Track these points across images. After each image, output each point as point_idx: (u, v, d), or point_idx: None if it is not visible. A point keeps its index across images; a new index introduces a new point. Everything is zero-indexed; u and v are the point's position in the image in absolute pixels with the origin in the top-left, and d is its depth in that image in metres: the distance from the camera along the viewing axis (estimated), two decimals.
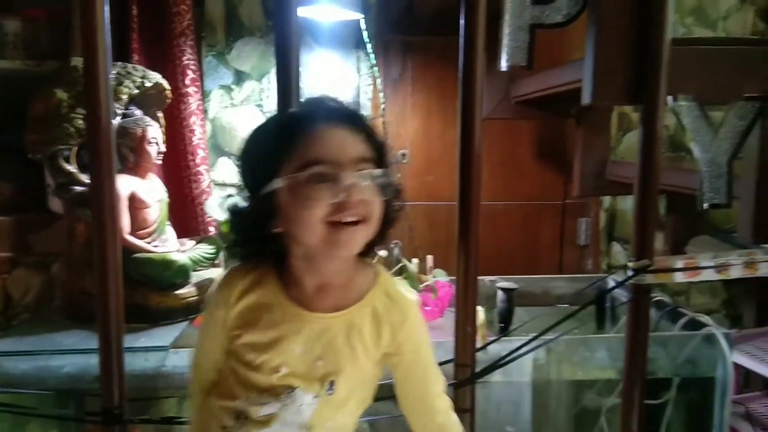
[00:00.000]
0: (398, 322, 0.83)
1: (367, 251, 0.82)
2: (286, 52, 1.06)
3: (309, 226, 0.74)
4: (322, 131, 0.75)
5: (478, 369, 1.09)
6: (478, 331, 1.18)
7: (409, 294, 0.86)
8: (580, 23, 1.09)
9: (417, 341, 0.86)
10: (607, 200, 2.37)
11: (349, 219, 0.74)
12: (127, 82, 1.47)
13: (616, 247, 2.39)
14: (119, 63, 1.56)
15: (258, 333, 0.80)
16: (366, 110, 2.18)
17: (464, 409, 1.09)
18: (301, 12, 1.23)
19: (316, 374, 0.81)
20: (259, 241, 0.80)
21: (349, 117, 0.78)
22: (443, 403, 0.91)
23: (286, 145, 0.75)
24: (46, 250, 1.98)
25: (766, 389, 1.96)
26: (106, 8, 0.98)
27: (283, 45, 1.06)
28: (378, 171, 0.76)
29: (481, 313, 1.32)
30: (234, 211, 0.81)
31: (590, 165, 1.99)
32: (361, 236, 0.76)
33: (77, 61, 1.48)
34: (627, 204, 2.35)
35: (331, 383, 0.81)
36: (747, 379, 2.09)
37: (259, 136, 0.81)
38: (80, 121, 1.43)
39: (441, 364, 1.16)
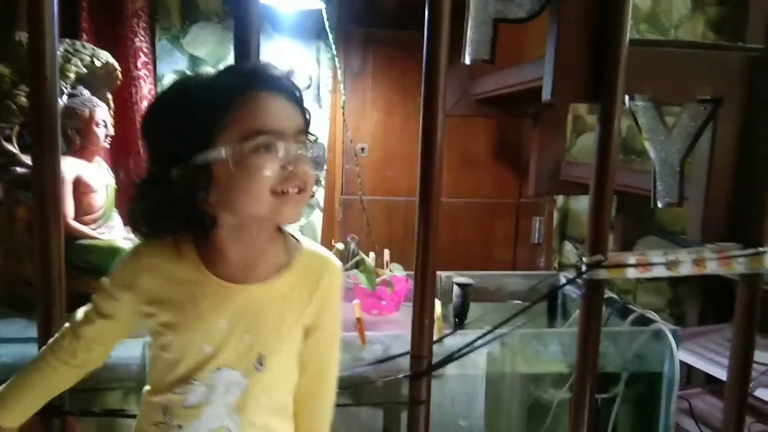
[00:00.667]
0: (327, 283, 0.82)
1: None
2: (246, 39, 1.03)
3: (256, 197, 0.72)
4: (267, 99, 0.72)
5: (433, 362, 1.09)
6: (435, 324, 1.18)
7: (333, 257, 0.86)
8: (540, 23, 1.11)
9: (336, 307, 0.85)
10: (560, 200, 2.41)
11: (294, 190, 0.74)
12: (75, 60, 1.40)
13: (568, 246, 2.44)
14: (67, 40, 1.49)
15: (176, 311, 0.77)
16: (326, 103, 2.15)
17: (419, 400, 1.08)
18: None
19: (243, 350, 0.78)
20: (185, 215, 0.75)
21: (289, 86, 0.76)
22: (328, 410, 0.89)
23: (224, 112, 0.71)
24: None
25: (707, 386, 2.04)
26: None
27: (242, 32, 1.03)
28: (313, 142, 0.77)
29: (438, 306, 1.32)
30: (151, 182, 0.75)
31: (546, 165, 2.02)
32: (303, 205, 0.77)
33: (21, 36, 1.40)
34: (579, 204, 2.41)
35: (260, 358, 0.78)
36: (689, 375, 2.17)
37: (184, 99, 0.74)
38: (23, 99, 1.36)
39: (397, 356, 1.16)
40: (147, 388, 0.85)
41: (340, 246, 1.71)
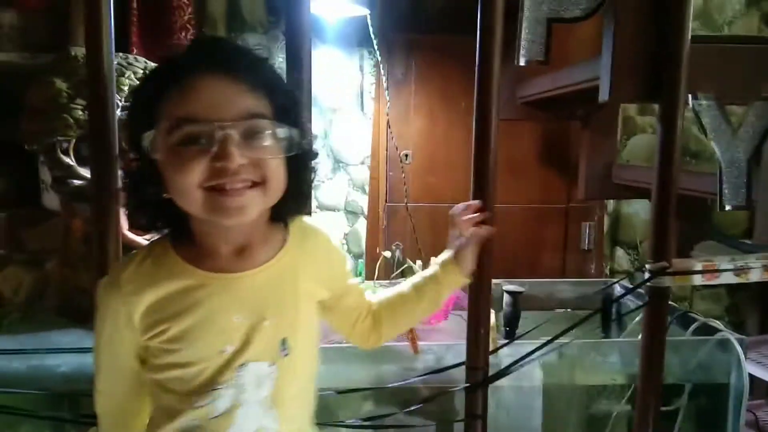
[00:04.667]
0: (323, 252, 0.82)
1: (278, 217, 0.75)
2: (298, 49, 1.04)
3: (185, 193, 0.66)
4: (198, 82, 0.64)
5: (489, 373, 1.06)
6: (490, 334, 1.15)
7: (314, 223, 0.84)
8: (585, 26, 1.08)
9: (343, 262, 0.86)
10: (611, 204, 2.34)
11: (232, 186, 0.65)
12: (128, 73, 1.43)
13: (620, 252, 2.37)
14: (120, 54, 1.52)
15: (183, 321, 0.70)
16: (370, 110, 2.15)
17: (476, 414, 1.05)
18: None
19: (267, 338, 0.72)
20: (153, 207, 0.71)
21: (236, 64, 0.66)
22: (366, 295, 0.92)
23: (160, 97, 0.66)
24: (38, 248, 1.93)
25: None
26: None
27: (294, 42, 1.04)
28: (271, 126, 0.67)
29: (492, 316, 1.29)
30: (126, 171, 0.72)
31: (596, 168, 1.97)
32: (255, 201, 0.67)
33: (77, 51, 1.44)
34: (631, 208, 2.33)
35: (283, 342, 0.73)
36: (750, 386, 2.07)
37: (141, 83, 0.72)
38: (80, 112, 1.39)
39: (452, 367, 1.14)
40: (147, 424, 0.78)
41: (386, 254, 1.70)
